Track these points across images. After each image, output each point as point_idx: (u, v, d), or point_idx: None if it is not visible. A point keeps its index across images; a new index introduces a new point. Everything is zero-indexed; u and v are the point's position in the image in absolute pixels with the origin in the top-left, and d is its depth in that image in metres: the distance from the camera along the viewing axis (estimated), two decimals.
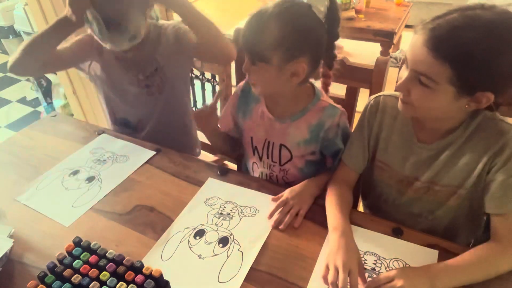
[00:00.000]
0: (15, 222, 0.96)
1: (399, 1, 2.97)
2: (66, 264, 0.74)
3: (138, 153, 1.18)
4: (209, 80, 1.49)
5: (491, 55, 0.66)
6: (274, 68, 0.88)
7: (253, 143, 1.11)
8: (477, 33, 0.66)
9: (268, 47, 0.85)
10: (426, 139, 0.87)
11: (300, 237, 0.88)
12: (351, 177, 1.00)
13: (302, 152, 1.05)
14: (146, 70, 1.24)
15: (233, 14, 4.51)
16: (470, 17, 0.68)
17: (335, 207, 0.90)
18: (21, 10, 2.86)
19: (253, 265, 0.82)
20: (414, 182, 0.91)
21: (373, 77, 1.09)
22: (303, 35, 0.86)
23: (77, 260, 0.75)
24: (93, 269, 0.73)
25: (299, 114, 1.01)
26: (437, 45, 0.69)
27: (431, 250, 0.83)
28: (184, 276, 0.81)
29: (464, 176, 0.84)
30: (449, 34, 0.68)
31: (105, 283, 0.71)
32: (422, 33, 0.71)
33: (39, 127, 1.33)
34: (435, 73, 0.71)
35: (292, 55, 0.86)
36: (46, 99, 2.72)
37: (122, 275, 0.72)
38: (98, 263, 0.74)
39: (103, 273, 0.72)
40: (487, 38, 0.66)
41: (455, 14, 0.69)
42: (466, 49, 0.67)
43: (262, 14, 0.85)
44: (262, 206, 0.97)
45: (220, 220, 0.94)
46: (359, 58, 1.30)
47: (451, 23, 0.68)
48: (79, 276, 0.72)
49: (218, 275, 0.81)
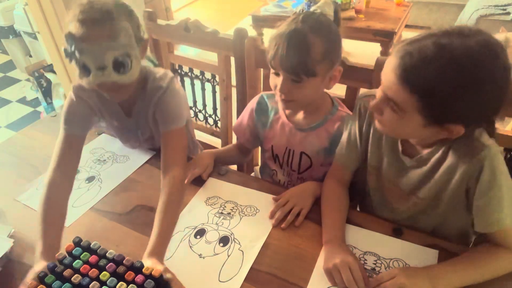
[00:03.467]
0: (15, 222, 0.95)
1: (399, 1, 2.97)
2: (66, 264, 0.74)
3: (138, 153, 1.18)
4: (209, 80, 1.49)
5: (457, 90, 0.64)
6: (319, 79, 0.92)
7: (274, 151, 1.13)
8: (445, 67, 0.64)
9: (316, 62, 0.89)
10: (409, 152, 0.86)
11: (300, 237, 0.88)
12: (344, 175, 1.00)
13: (322, 161, 1.06)
14: (145, 133, 1.14)
15: (233, 14, 4.52)
16: (442, 48, 0.64)
17: (329, 215, 0.90)
18: (21, 10, 2.85)
19: (253, 265, 0.83)
20: (396, 190, 0.91)
21: (373, 77, 1.09)
22: (336, 42, 0.93)
23: (77, 260, 0.74)
24: (93, 269, 0.72)
25: (319, 123, 1.04)
26: (405, 74, 0.67)
27: (431, 250, 0.83)
28: (184, 275, 0.81)
29: (440, 190, 0.83)
30: (417, 65, 0.66)
31: (105, 283, 0.70)
32: (394, 57, 0.69)
33: (39, 127, 1.33)
34: (403, 101, 0.70)
35: (333, 63, 0.93)
36: (46, 99, 2.72)
37: (122, 275, 0.72)
38: (98, 263, 0.74)
39: (103, 273, 0.72)
40: (456, 73, 0.64)
41: (429, 41, 0.66)
42: (432, 83, 0.65)
43: (298, 32, 0.88)
44: (262, 205, 0.97)
45: (221, 219, 0.94)
46: (359, 58, 1.29)
47: (422, 53, 0.65)
48: (79, 276, 0.71)
49: (219, 274, 0.81)
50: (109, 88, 0.92)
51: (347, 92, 1.18)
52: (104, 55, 0.86)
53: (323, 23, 0.91)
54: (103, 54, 0.86)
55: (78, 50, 0.86)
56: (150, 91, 1.03)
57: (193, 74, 1.53)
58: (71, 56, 0.88)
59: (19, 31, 3.09)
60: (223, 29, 1.19)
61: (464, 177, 0.77)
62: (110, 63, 0.87)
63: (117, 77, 0.89)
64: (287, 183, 1.16)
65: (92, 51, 0.86)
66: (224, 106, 1.47)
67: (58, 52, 2.06)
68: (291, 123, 1.07)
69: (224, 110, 1.48)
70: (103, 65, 0.87)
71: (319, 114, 1.04)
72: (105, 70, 0.87)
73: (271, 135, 1.12)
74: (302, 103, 0.99)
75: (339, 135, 1.01)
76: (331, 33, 0.91)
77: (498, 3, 2.72)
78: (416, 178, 0.86)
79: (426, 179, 0.84)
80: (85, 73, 0.89)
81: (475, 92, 0.65)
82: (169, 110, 1.03)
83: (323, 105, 1.04)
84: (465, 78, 0.64)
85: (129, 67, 0.90)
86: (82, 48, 0.86)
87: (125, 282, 0.70)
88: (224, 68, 1.38)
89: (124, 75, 0.90)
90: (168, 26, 1.42)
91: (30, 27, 2.83)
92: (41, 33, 2.05)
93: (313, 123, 1.04)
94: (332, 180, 0.98)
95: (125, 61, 0.89)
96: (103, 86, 0.91)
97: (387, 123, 0.77)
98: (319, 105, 1.04)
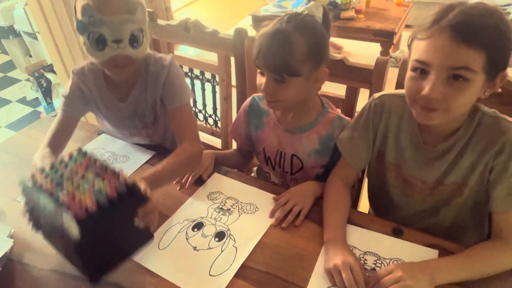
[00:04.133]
0: (15, 222, 0.95)
1: (399, 1, 2.97)
2: (66, 161, 0.78)
3: (138, 153, 1.18)
4: (209, 80, 1.49)
5: (510, 34, 0.70)
6: (303, 80, 0.91)
7: (266, 154, 1.13)
8: (495, 16, 0.69)
9: (298, 62, 0.88)
10: (431, 141, 0.87)
11: (300, 237, 0.88)
12: (350, 176, 1.00)
13: (313, 163, 1.07)
14: (144, 118, 1.15)
15: (233, 14, 4.52)
16: (477, 7, 0.70)
17: (330, 214, 0.90)
18: (21, 10, 2.85)
19: (253, 265, 0.82)
20: (419, 184, 0.92)
21: (373, 77, 1.09)
22: (322, 43, 0.93)
23: (72, 160, 0.78)
24: (82, 169, 0.75)
25: (310, 125, 1.04)
26: (468, 35, 0.69)
27: (431, 250, 0.83)
28: (177, 266, 0.83)
29: (467, 174, 0.85)
30: (475, 21, 0.69)
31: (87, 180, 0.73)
32: (444, 31, 0.70)
33: (39, 127, 1.33)
34: (472, 62, 0.70)
35: (318, 64, 0.92)
36: (46, 99, 2.72)
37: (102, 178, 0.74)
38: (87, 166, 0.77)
39: (88, 172, 0.74)
40: (504, 20, 0.70)
41: (462, 6, 0.70)
42: (494, 32, 0.69)
43: (282, 32, 0.88)
44: (262, 204, 0.97)
45: (220, 214, 0.95)
46: (359, 58, 1.30)
47: (470, 13, 0.70)
48: (68, 171, 0.75)
49: (210, 268, 0.82)
50: (119, 62, 0.94)
51: (347, 92, 1.18)
52: (122, 28, 0.89)
53: (308, 24, 0.90)
54: (121, 27, 0.89)
55: (97, 22, 0.87)
56: (153, 73, 1.06)
57: (193, 74, 1.53)
58: (85, 29, 0.89)
59: (19, 31, 3.09)
60: (223, 29, 1.19)
61: (490, 158, 0.80)
62: (127, 37, 0.90)
63: (131, 51, 0.93)
64: (281, 184, 1.16)
65: (111, 23, 0.88)
66: (224, 106, 1.47)
67: (58, 52, 2.05)
68: (282, 125, 1.07)
69: (224, 110, 1.48)
70: (120, 38, 0.89)
71: (309, 116, 1.04)
72: (121, 43, 0.90)
73: (263, 137, 1.12)
74: (287, 103, 0.98)
75: (330, 136, 1.02)
76: (316, 34, 0.91)
77: (498, 3, 2.73)
78: (442, 167, 0.86)
79: (451, 167, 0.85)
80: (98, 46, 0.90)
81: None
82: (176, 88, 1.07)
83: (313, 106, 1.04)
84: (509, 22, 0.70)
85: (141, 42, 0.94)
86: (101, 19, 0.87)
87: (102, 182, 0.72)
88: (224, 68, 1.38)
89: (137, 49, 0.94)
90: (168, 26, 1.42)
91: (30, 27, 2.83)
92: (41, 33, 2.04)
93: (303, 125, 1.04)
94: (336, 179, 0.98)
95: (139, 36, 0.93)
96: (115, 59, 0.93)
97: (451, 100, 0.73)
98: (309, 107, 1.03)
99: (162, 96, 1.08)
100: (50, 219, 0.71)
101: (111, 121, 1.19)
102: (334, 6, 2.76)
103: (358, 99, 1.18)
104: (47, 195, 0.70)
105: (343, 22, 2.73)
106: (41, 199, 0.72)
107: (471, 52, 0.69)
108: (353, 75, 1.12)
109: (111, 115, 1.16)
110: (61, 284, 0.82)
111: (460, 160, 0.84)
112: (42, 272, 0.84)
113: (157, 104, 1.11)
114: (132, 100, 1.10)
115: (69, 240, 0.67)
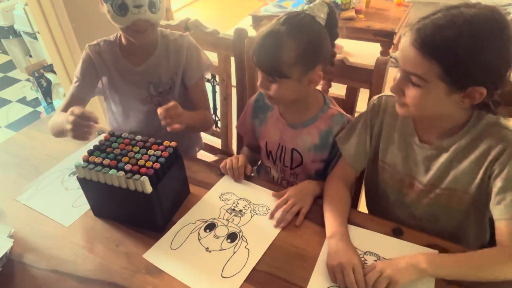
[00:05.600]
0: (15, 222, 0.96)
1: (399, 1, 2.97)
2: (107, 144, 0.94)
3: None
4: (209, 80, 1.49)
5: (474, 49, 0.68)
6: (294, 81, 0.91)
7: (267, 148, 1.14)
8: (459, 29, 0.68)
9: (287, 65, 0.88)
10: (428, 139, 0.87)
11: (300, 237, 0.88)
12: (350, 175, 1.00)
13: (313, 157, 1.07)
14: (160, 86, 1.21)
15: (233, 14, 4.52)
16: (453, 15, 0.70)
17: (332, 211, 0.90)
18: (21, 10, 2.86)
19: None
20: (415, 184, 0.91)
21: (373, 77, 1.09)
22: (316, 46, 0.91)
23: (114, 143, 0.94)
24: (128, 146, 0.93)
25: (311, 120, 1.04)
26: (423, 43, 0.70)
27: (431, 250, 0.82)
28: (189, 266, 0.83)
29: (467, 181, 0.84)
30: (434, 32, 0.70)
31: (137, 152, 0.91)
32: (409, 34, 0.73)
33: (39, 127, 1.33)
34: (424, 71, 0.72)
35: (310, 67, 0.91)
36: (46, 99, 2.72)
37: (149, 146, 0.93)
38: (130, 143, 0.95)
39: (135, 147, 0.92)
40: (470, 33, 0.68)
41: (439, 14, 0.71)
42: (450, 45, 0.69)
43: (274, 33, 0.88)
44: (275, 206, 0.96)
45: (232, 215, 0.95)
46: (359, 58, 1.30)
47: (435, 22, 0.70)
48: (118, 149, 0.92)
49: (222, 270, 0.82)
50: (140, 27, 1.06)
51: (347, 92, 1.18)
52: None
53: (304, 26, 0.89)
54: None
55: None
56: (174, 42, 1.19)
57: None
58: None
59: (19, 31, 3.10)
60: (223, 29, 1.19)
61: (489, 165, 0.79)
62: (146, 2, 1.01)
63: (150, 16, 1.04)
64: (280, 179, 1.17)
65: None
66: (224, 106, 1.47)
67: (58, 52, 2.05)
68: (284, 120, 1.08)
69: (224, 110, 1.48)
70: (140, 3, 1.01)
71: (311, 111, 1.05)
72: (141, 8, 1.01)
73: (266, 132, 1.13)
74: (283, 100, 1.00)
75: (329, 132, 1.02)
76: (312, 36, 0.90)
77: (498, 3, 2.72)
78: (438, 167, 0.86)
79: (447, 168, 0.85)
80: (121, 12, 1.02)
81: (490, 48, 0.68)
82: (194, 64, 1.21)
83: (313, 102, 1.05)
84: (479, 35, 0.68)
85: (158, 7, 1.05)
86: None
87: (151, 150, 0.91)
88: (224, 68, 1.39)
89: (155, 14, 1.05)
90: (168, 26, 1.42)
91: (30, 27, 2.83)
92: (41, 33, 2.04)
93: (305, 120, 1.05)
94: (336, 179, 0.98)
95: (157, 1, 1.04)
96: (137, 24, 1.04)
97: (410, 101, 0.77)
98: (309, 103, 1.04)
99: (184, 68, 1.20)
100: (114, 190, 0.86)
101: (123, 93, 1.23)
102: (334, 6, 2.76)
103: (358, 99, 1.18)
104: (111, 169, 0.85)
105: (343, 22, 2.73)
106: (101, 175, 0.86)
107: (425, 61, 0.71)
108: (353, 75, 1.12)
109: (125, 85, 1.20)
110: (61, 284, 0.82)
111: (458, 165, 0.83)
112: (42, 272, 0.84)
113: (178, 75, 1.21)
114: (150, 65, 1.18)
115: (139, 200, 0.85)
